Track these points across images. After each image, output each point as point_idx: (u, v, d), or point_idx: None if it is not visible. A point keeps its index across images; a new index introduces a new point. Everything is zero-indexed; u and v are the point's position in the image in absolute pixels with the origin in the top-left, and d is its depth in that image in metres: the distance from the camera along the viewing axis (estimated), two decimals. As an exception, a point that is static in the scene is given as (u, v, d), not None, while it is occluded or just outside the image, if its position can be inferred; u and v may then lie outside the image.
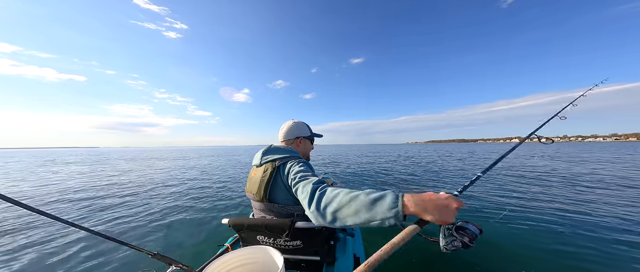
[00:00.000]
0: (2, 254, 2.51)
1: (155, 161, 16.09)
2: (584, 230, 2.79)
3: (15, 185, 7.06)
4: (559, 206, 3.74)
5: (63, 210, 4.27)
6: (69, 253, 2.51)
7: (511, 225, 2.99)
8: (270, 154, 1.06)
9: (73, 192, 5.80)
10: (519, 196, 4.46)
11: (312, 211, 0.68)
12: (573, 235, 2.66)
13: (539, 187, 5.25)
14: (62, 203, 4.75)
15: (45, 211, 0.61)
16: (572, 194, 4.56)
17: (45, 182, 7.49)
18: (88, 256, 2.43)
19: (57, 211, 4.26)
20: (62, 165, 14.08)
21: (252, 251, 0.88)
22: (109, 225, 3.42)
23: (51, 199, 5.10)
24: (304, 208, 0.74)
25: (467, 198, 4.27)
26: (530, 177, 6.59)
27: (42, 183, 7.25)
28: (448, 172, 8.37)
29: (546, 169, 8.03)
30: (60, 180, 7.79)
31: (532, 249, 2.37)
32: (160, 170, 10.21)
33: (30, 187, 6.66)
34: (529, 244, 2.48)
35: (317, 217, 0.67)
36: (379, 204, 0.59)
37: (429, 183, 6.41)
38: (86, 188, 6.24)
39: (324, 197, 0.68)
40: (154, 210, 4.09)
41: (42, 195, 5.54)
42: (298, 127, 1.22)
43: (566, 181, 5.87)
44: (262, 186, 0.98)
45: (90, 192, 5.74)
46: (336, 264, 1.07)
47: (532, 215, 3.33)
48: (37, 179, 8.07)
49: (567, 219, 3.16)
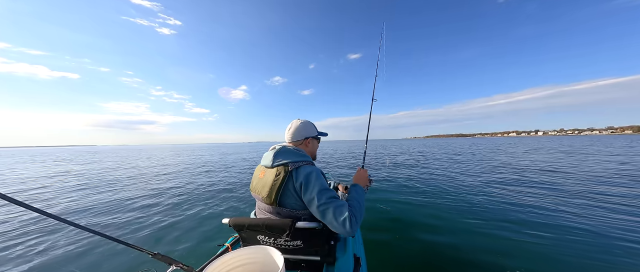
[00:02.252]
0: (2, 254, 2.51)
1: (152, 159, 16.10)
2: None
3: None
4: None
5: (61, 209, 4.27)
6: (68, 253, 2.51)
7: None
8: (282, 157, 1.05)
9: (70, 191, 5.80)
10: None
11: (349, 232, 0.88)
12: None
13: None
14: (60, 202, 4.76)
15: (45, 209, 0.61)
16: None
17: (41, 182, 7.49)
18: (88, 256, 2.44)
19: (55, 210, 4.26)
20: (57, 163, 14.07)
21: (252, 251, 0.88)
22: (109, 224, 3.42)
23: (47, 198, 5.11)
24: (333, 226, 0.90)
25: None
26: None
27: (39, 183, 7.26)
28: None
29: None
30: (59, 179, 7.80)
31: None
32: (158, 168, 10.21)
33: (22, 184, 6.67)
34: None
35: (351, 234, 0.90)
36: (363, 195, 1.06)
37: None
38: (82, 187, 6.25)
39: (358, 217, 0.92)
40: (154, 210, 4.09)
41: (39, 192, 5.56)
42: (305, 127, 1.22)
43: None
44: (273, 191, 0.98)
45: (86, 191, 5.74)
46: (336, 264, 1.07)
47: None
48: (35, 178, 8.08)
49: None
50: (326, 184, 0.99)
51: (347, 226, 0.86)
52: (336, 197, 0.95)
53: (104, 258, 2.37)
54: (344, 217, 0.87)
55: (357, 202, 0.97)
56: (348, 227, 0.86)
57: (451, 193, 4.73)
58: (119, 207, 4.32)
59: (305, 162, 1.04)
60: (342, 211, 0.89)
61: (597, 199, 3.99)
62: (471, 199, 4.21)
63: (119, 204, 4.50)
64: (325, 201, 0.91)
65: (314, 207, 0.93)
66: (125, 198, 4.97)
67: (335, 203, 0.91)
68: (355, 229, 0.88)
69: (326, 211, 0.90)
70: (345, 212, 0.88)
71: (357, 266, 1.10)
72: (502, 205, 3.82)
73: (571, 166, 8.14)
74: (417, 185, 5.62)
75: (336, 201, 0.92)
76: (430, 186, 5.44)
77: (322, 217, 0.91)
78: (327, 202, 0.91)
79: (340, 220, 0.87)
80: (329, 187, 0.98)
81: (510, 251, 2.34)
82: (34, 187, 6.62)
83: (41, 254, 2.50)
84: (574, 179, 5.86)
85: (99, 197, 5.15)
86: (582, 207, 3.60)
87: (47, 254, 2.50)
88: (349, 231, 0.87)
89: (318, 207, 0.91)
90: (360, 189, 1.08)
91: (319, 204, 0.91)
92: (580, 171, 7.07)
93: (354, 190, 1.07)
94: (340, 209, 0.89)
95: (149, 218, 3.64)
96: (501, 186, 5.20)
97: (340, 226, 0.87)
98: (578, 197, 4.16)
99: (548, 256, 2.24)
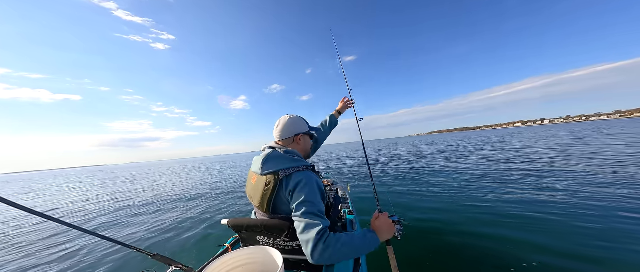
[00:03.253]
0: (2, 256, 2.51)
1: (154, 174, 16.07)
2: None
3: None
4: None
5: (65, 214, 4.26)
6: (68, 254, 2.51)
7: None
8: (271, 164, 0.95)
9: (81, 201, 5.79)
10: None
11: (310, 258, 0.76)
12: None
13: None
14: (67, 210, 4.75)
15: (44, 212, 0.61)
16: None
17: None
18: (88, 257, 2.43)
19: (56, 214, 4.25)
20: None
21: (252, 251, 0.89)
22: (109, 226, 3.41)
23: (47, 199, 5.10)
24: (301, 242, 0.80)
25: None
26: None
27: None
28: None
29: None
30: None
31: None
32: (159, 178, 10.19)
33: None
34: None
35: (313, 261, 0.77)
36: (369, 247, 0.86)
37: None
38: (93, 195, 6.24)
39: (332, 253, 0.76)
40: (154, 211, 4.09)
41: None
42: (295, 124, 1.11)
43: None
44: (265, 200, 0.93)
45: (93, 198, 5.74)
46: (336, 264, 1.07)
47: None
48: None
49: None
50: (314, 195, 0.88)
51: (309, 249, 0.76)
52: (316, 213, 0.83)
53: (104, 259, 2.37)
54: (308, 238, 0.76)
55: (352, 244, 0.81)
56: (308, 251, 0.76)
57: (454, 191, 4.72)
58: (119, 208, 4.32)
59: (296, 168, 0.94)
60: (309, 230, 0.78)
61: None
62: (476, 197, 4.20)
63: (120, 206, 4.49)
64: (300, 215, 0.82)
65: (294, 218, 0.85)
66: (126, 199, 4.97)
67: (309, 220, 0.80)
68: (319, 260, 0.75)
69: (299, 225, 0.81)
70: (312, 232, 0.77)
71: (357, 266, 1.09)
72: (512, 205, 3.80)
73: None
74: (417, 185, 5.61)
75: (310, 217, 0.81)
76: (432, 185, 5.43)
77: (296, 229, 0.83)
78: (300, 216, 0.82)
79: (303, 239, 0.78)
80: (315, 200, 0.87)
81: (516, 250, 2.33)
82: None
83: (40, 257, 2.50)
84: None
85: (101, 200, 5.14)
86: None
87: (45, 257, 2.50)
88: (309, 255, 0.76)
89: (294, 218, 0.85)
90: (374, 240, 0.88)
91: (294, 216, 0.84)
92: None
93: (363, 235, 0.88)
94: (309, 228, 0.78)
95: (148, 218, 3.63)
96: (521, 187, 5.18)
97: (304, 245, 0.78)
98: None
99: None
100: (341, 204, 1.93)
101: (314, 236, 0.75)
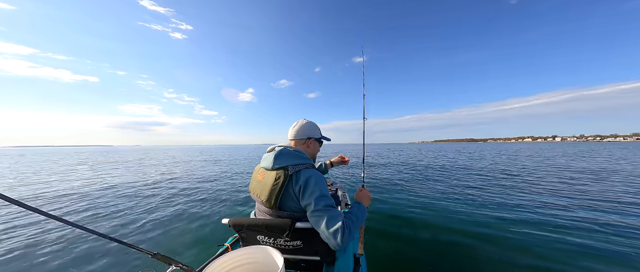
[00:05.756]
0: (1, 254, 2.51)
1: (157, 161, 16.11)
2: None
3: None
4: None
5: (62, 209, 4.27)
6: (68, 253, 2.51)
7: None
8: (282, 160, 1.01)
9: (74, 192, 5.80)
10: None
11: (338, 245, 0.86)
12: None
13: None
14: (61, 202, 4.75)
15: (45, 210, 0.61)
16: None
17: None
18: (88, 256, 2.43)
19: (56, 210, 4.26)
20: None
21: (252, 251, 0.88)
22: (109, 225, 3.42)
23: (49, 197, 5.11)
24: (323, 235, 0.88)
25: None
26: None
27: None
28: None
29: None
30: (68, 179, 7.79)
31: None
32: (160, 169, 10.21)
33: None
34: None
35: (340, 247, 0.87)
36: (364, 214, 1.06)
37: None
38: (87, 187, 6.24)
39: (352, 232, 0.89)
40: (154, 210, 4.09)
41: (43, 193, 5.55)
42: (310, 128, 1.21)
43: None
44: (273, 195, 0.96)
45: (89, 191, 5.74)
46: (336, 264, 1.07)
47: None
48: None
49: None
50: (326, 189, 0.96)
51: (338, 238, 0.85)
52: (333, 205, 0.93)
53: (104, 258, 2.37)
54: (336, 228, 0.85)
55: (356, 218, 0.97)
56: (338, 239, 0.85)
57: (454, 193, 4.72)
58: (118, 206, 4.32)
59: (305, 165, 1.01)
60: (335, 221, 0.87)
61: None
62: (476, 201, 4.21)
63: (118, 204, 4.50)
64: (321, 208, 0.89)
65: (309, 212, 0.92)
66: (125, 197, 4.97)
67: (330, 212, 0.89)
68: (346, 243, 0.86)
69: (320, 219, 0.88)
70: (338, 222, 0.86)
71: (357, 266, 1.09)
72: (492, 207, 3.80)
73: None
74: (417, 184, 5.61)
75: (332, 210, 0.90)
76: (432, 186, 5.44)
77: (315, 223, 0.90)
78: (322, 209, 0.89)
79: (331, 230, 0.86)
80: (329, 195, 0.96)
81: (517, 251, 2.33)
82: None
83: (39, 255, 2.50)
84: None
85: (98, 196, 5.15)
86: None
87: (45, 255, 2.50)
88: (338, 243, 0.85)
89: (312, 213, 0.90)
90: (363, 208, 1.08)
91: (314, 210, 0.90)
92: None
93: (356, 207, 1.06)
94: (334, 220, 0.87)
95: (149, 218, 3.64)
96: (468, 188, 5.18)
97: (331, 237, 0.86)
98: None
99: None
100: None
101: (341, 225, 0.86)
